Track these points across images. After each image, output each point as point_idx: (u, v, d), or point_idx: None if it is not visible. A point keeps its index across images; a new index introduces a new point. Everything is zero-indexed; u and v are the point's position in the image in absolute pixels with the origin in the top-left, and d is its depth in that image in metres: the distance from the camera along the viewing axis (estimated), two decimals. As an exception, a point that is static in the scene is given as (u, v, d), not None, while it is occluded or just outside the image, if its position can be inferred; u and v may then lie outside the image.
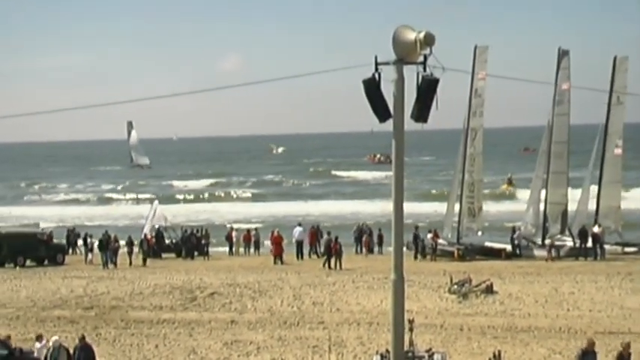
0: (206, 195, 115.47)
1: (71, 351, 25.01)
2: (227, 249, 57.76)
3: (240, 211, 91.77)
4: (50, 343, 25.14)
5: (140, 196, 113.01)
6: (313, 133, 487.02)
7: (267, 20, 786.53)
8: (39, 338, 26.81)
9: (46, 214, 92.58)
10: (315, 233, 54.92)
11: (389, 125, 15.66)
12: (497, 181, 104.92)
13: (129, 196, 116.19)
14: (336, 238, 49.38)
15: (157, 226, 57.75)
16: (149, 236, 55.45)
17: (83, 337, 25.47)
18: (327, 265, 47.81)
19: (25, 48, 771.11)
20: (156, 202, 63.39)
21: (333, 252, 48.31)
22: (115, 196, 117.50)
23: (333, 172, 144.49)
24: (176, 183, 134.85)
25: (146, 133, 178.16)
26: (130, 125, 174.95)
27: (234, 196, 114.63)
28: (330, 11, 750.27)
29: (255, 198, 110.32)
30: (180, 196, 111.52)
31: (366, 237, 55.47)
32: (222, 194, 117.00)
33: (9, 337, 27.16)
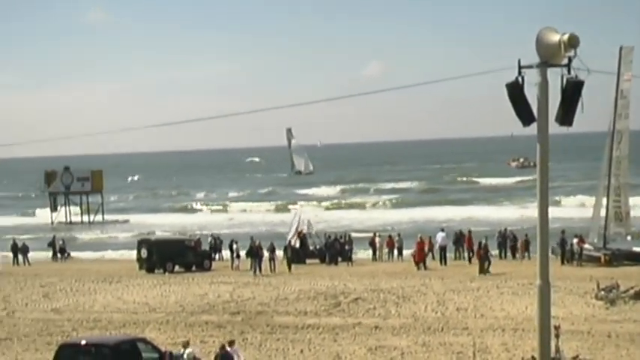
0: (347, 201, 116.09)
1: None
2: (370, 255, 57.96)
3: (379, 217, 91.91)
4: (185, 356, 25.49)
5: (279, 202, 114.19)
6: (453, 138, 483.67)
7: (411, 27, 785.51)
8: (185, 345, 27.08)
9: (187, 222, 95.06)
10: (470, 238, 54.03)
11: (529, 129, 15.48)
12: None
13: (270, 203, 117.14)
14: (480, 244, 49.02)
15: (302, 232, 58.33)
16: (293, 242, 56.04)
17: (223, 347, 25.73)
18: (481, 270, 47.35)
19: (176, 59, 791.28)
20: (300, 208, 64.06)
21: (477, 257, 47.95)
22: (250, 204, 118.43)
23: (474, 178, 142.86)
24: (314, 190, 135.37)
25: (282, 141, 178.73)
26: (289, 132, 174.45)
27: (375, 202, 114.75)
28: (474, 16, 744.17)
29: (395, 204, 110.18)
30: (320, 202, 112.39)
31: (511, 242, 54.87)
32: (363, 200, 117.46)
33: (187, 342, 27.42)
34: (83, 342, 26.48)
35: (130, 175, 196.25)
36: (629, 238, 51.13)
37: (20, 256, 61.81)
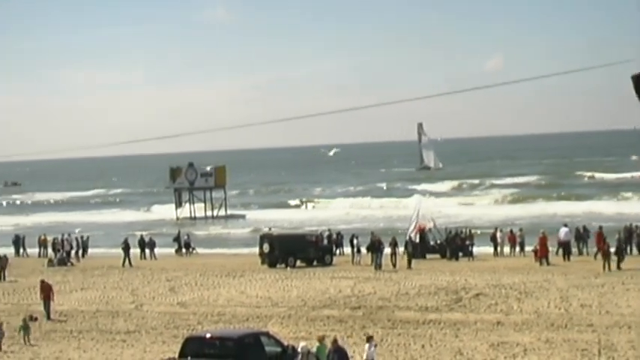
0: (466, 195, 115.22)
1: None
2: (491, 250, 57.42)
3: (500, 212, 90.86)
4: (299, 349, 25.55)
5: (394, 198, 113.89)
6: (570, 132, 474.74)
7: (529, 20, 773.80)
8: (321, 339, 26.86)
9: (305, 217, 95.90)
10: (600, 234, 52.53)
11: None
12: None
13: (389, 199, 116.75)
14: (605, 240, 48.13)
15: (422, 227, 58.11)
16: (413, 237, 55.85)
17: (335, 340, 25.71)
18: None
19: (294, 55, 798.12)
20: (420, 202, 63.58)
21: (602, 254, 47.06)
22: (367, 199, 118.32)
23: (595, 173, 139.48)
24: (433, 186, 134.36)
25: (412, 135, 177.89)
26: (420, 127, 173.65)
27: (495, 196, 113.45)
28: (595, 11, 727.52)
29: (516, 199, 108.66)
30: (439, 197, 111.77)
31: (637, 238, 53.59)
32: (482, 194, 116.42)
33: (323, 337, 27.09)
34: (208, 335, 27.02)
35: (249, 171, 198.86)
36: None
37: (147, 251, 63.27)
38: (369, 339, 26.84)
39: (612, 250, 47.65)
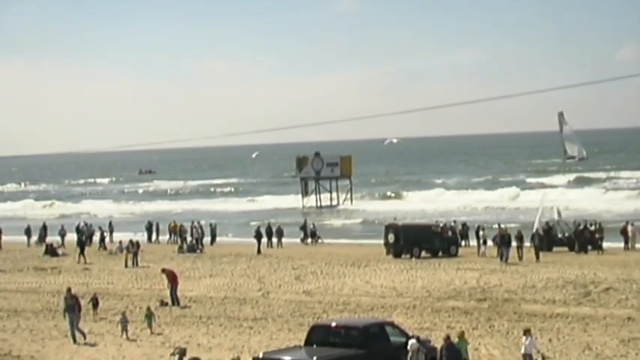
0: (592, 187, 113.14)
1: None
2: (622, 244, 56.12)
3: (628, 205, 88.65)
4: (409, 346, 25.23)
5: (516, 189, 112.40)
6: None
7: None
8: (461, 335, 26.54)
9: (426, 208, 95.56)
10: None
11: None
12: None
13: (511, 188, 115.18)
14: None
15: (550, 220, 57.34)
16: (539, 230, 54.98)
17: (448, 337, 25.31)
18: None
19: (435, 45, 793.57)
20: (545, 195, 62.71)
21: None
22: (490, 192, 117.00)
23: None
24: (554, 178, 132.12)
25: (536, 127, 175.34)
26: (561, 117, 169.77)
27: (622, 189, 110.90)
28: None
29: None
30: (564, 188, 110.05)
31: None
32: (610, 187, 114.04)
33: (463, 333, 26.78)
34: (333, 324, 27.20)
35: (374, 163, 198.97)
36: None
37: (274, 239, 64.04)
38: (526, 332, 26.23)
39: None
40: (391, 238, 55.10)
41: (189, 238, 64.09)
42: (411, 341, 25.06)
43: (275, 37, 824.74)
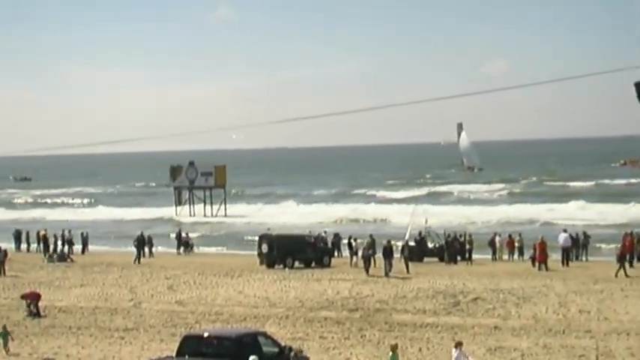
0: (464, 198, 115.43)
1: None
2: (490, 255, 57.46)
3: (496, 215, 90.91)
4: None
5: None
6: (565, 138, 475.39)
7: (533, 25, 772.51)
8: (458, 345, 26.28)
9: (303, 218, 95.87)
10: (632, 241, 51.59)
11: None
12: None
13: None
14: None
15: (424, 230, 58.27)
16: (409, 241, 55.53)
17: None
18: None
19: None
20: (415, 205, 63.80)
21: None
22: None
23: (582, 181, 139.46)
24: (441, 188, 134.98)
25: (412, 138, 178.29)
26: (459, 127, 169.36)
27: (489, 200, 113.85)
28: (600, 15, 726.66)
29: (509, 203, 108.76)
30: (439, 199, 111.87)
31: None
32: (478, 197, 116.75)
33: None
34: (206, 334, 27.03)
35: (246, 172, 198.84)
36: None
37: (145, 249, 63.29)
38: (458, 345, 26.20)
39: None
40: (264, 248, 55.15)
41: (59, 247, 62.82)
42: (252, 357, 24.68)
43: (149, 44, 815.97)
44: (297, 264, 54.47)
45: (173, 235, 69.62)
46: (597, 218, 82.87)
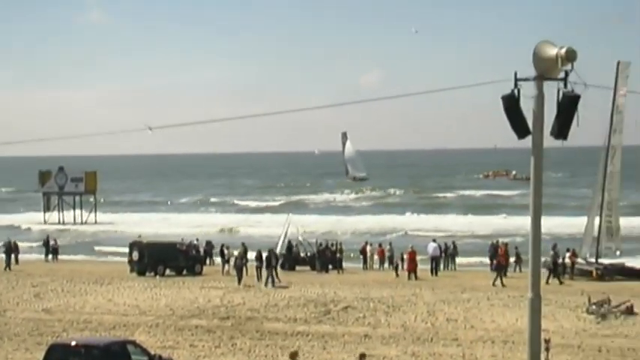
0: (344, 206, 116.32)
1: None
2: (361, 263, 58.03)
3: (368, 225, 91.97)
4: None
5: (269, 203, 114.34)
6: (441, 149, 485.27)
7: (409, 35, 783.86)
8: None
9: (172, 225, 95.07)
10: (505, 251, 51.83)
11: (513, 142, 15.61)
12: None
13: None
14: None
15: (297, 240, 58.47)
16: (281, 250, 55.48)
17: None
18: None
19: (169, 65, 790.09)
20: (289, 215, 63.97)
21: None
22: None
23: (457, 190, 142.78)
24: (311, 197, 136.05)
25: (289, 147, 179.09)
26: (344, 137, 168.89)
27: (363, 208, 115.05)
28: (473, 27, 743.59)
29: (384, 212, 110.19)
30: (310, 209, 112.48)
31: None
32: (354, 205, 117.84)
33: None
34: (73, 343, 26.48)
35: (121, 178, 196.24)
36: (618, 253, 51.28)
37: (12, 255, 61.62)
38: (362, 357, 26.13)
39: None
40: (135, 255, 54.43)
41: None
42: None
43: (16, 45, 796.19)
44: (168, 272, 53.95)
45: (40, 242, 68.04)
46: (464, 229, 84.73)
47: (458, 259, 57.71)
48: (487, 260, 55.58)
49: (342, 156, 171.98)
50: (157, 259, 54.09)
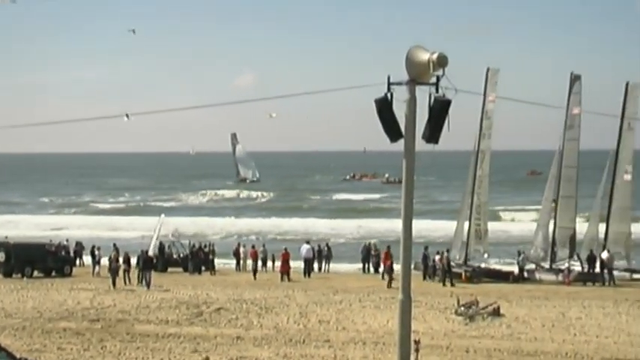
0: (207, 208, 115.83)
1: None
2: (234, 264, 57.88)
3: (244, 227, 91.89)
4: None
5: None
6: (319, 151, 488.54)
7: (282, 38, 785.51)
8: None
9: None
10: (387, 253, 51.53)
11: (382, 145, 15.78)
12: (508, 203, 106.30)
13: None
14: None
15: (172, 240, 57.97)
16: (151, 252, 54.68)
17: None
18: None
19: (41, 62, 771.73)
20: (162, 216, 63.35)
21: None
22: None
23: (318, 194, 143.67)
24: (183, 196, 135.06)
25: (161, 147, 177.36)
26: (234, 138, 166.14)
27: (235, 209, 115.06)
28: (347, 31, 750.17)
29: (255, 214, 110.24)
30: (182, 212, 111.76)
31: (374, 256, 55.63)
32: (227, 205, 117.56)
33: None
34: None
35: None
36: (485, 255, 52.44)
37: None
38: None
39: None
40: (1, 257, 53.05)
41: None
42: None
43: None
44: (36, 273, 52.73)
45: None
46: (333, 232, 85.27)
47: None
48: (359, 263, 56.38)
49: (233, 157, 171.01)
50: (25, 260, 52.83)
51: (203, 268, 55.73)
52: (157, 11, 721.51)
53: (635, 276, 51.22)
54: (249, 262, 57.08)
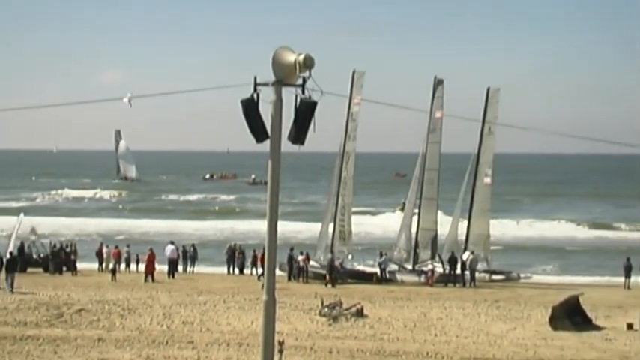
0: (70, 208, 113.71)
1: None
2: (97, 265, 56.86)
3: (112, 227, 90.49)
4: None
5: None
6: (178, 151, 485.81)
7: (150, 36, 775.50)
8: None
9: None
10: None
11: (245, 145, 15.74)
12: (376, 204, 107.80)
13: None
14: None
15: (29, 239, 56.48)
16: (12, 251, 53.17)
17: None
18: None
19: None
20: (21, 215, 61.67)
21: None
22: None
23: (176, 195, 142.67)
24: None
25: (22, 144, 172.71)
26: (118, 135, 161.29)
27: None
28: (220, 30, 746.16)
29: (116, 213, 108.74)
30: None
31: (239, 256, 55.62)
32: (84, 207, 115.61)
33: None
34: None
35: None
36: (350, 256, 52.92)
37: None
38: None
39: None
40: None
41: None
42: None
43: None
44: None
45: None
46: (197, 233, 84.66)
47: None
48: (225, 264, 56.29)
49: (115, 155, 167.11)
50: None
51: (64, 268, 54.57)
52: (21, 4, 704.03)
53: (494, 277, 52.56)
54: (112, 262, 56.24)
